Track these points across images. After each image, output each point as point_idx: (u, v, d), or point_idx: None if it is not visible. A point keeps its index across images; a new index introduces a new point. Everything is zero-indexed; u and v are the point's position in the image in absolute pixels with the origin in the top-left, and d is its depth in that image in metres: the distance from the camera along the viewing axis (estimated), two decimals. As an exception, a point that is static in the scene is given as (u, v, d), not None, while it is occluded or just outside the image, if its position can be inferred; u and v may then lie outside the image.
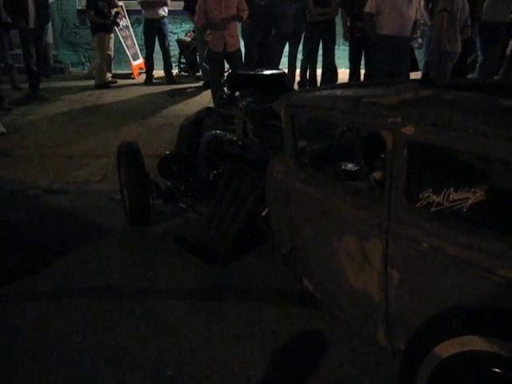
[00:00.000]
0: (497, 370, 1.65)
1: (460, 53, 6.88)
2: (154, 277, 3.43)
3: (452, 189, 1.97)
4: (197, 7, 7.15)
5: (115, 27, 9.47)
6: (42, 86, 8.68)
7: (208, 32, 7.22)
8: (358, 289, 2.39)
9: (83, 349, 2.74)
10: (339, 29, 8.06)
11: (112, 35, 9.49)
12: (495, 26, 7.77)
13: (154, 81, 9.77)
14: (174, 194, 4.15)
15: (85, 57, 10.59)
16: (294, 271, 3.03)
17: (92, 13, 9.02)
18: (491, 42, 7.95)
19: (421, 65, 8.05)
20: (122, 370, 2.60)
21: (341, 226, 2.42)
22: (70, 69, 10.54)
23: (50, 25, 9.86)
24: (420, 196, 2.05)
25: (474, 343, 1.67)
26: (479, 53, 8.25)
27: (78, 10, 10.40)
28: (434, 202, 2.02)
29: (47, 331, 2.89)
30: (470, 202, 1.93)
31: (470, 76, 8.51)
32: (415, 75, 7.63)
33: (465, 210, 1.94)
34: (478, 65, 8.31)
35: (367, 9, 6.93)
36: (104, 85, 9.31)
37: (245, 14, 7.17)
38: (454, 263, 1.90)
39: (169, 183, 4.21)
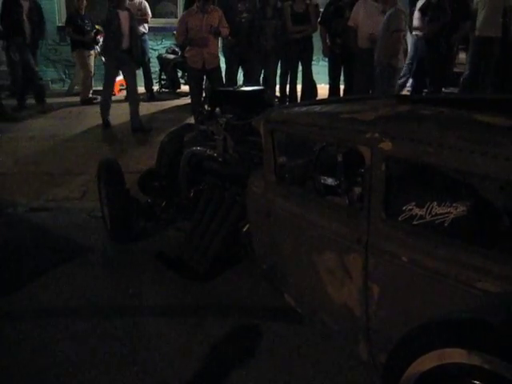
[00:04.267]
0: (477, 382, 1.65)
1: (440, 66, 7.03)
2: (135, 294, 3.40)
3: (435, 203, 1.99)
4: (177, 23, 7.19)
5: (95, 45, 9.47)
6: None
7: (188, 49, 7.26)
8: (338, 303, 2.40)
9: (63, 369, 2.70)
10: (318, 44, 8.13)
11: (92, 52, 9.48)
12: (489, 40, 7.89)
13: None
14: (154, 211, 4.15)
15: (65, 73, 10.53)
16: (276, 286, 3.03)
17: (70, 30, 9.02)
18: (484, 56, 8.05)
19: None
20: (103, 390, 2.57)
21: (321, 240, 2.43)
22: (50, 85, 10.47)
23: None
24: (401, 209, 2.07)
25: (454, 356, 1.68)
26: (467, 66, 8.34)
27: (58, 26, 10.37)
28: (415, 215, 2.04)
29: (26, 351, 2.84)
30: (452, 216, 1.96)
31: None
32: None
33: (446, 224, 1.97)
34: (461, 78, 8.40)
35: (349, 22, 7.14)
36: (87, 100, 9.28)
37: (224, 31, 7.22)
38: (433, 276, 1.92)
39: (149, 199, 4.20)
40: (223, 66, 8.01)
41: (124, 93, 9.83)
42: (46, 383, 2.62)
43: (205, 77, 7.53)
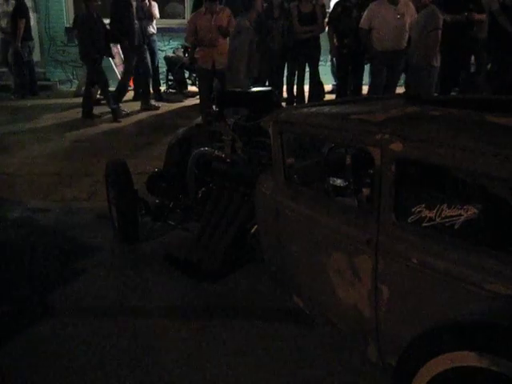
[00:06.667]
0: (488, 385, 1.64)
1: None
2: (143, 295, 3.40)
3: (445, 205, 1.98)
4: (187, 25, 7.21)
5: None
6: (29, 103, 8.66)
7: (197, 49, 7.28)
8: (348, 305, 2.39)
9: (71, 371, 2.70)
10: (326, 45, 8.13)
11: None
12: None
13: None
14: (162, 212, 4.15)
15: (73, 74, 10.58)
16: (284, 288, 3.02)
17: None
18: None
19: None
20: (111, 392, 2.57)
21: (330, 242, 2.42)
22: (58, 86, 10.52)
23: (37, 42, 9.90)
24: (411, 211, 2.06)
25: (465, 359, 1.67)
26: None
27: (66, 27, 10.41)
28: (425, 217, 2.03)
29: (34, 352, 2.84)
30: (463, 218, 1.95)
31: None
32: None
33: (456, 226, 1.95)
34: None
35: (361, 25, 7.09)
36: (95, 101, 9.31)
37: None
38: (443, 278, 1.91)
39: (157, 200, 4.20)
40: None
41: (132, 93, 9.88)
42: (52, 383, 2.62)
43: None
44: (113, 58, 9.18)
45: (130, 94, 9.94)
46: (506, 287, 1.75)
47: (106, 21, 8.32)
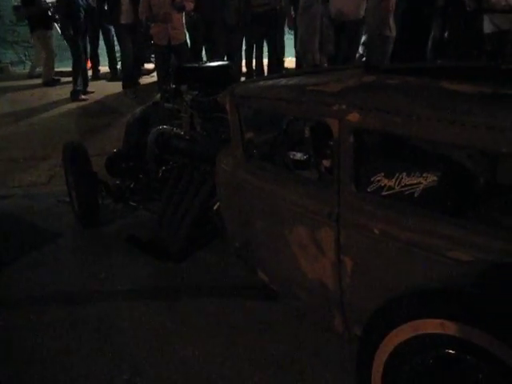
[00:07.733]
0: (452, 351, 1.66)
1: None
2: (107, 278, 3.35)
3: (404, 174, 1.97)
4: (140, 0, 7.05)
5: (55, 23, 9.18)
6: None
7: (152, 25, 7.12)
8: (312, 278, 2.39)
9: (34, 357, 2.65)
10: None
11: (52, 32, 9.21)
12: None
13: (99, 76, 9.57)
14: (123, 193, 4.08)
15: (25, 55, 10.25)
16: (249, 264, 3.00)
17: (25, 11, 8.68)
18: None
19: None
20: (76, 377, 2.52)
21: (292, 216, 2.41)
22: (10, 68, 10.19)
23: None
24: (370, 181, 2.05)
25: (428, 326, 1.68)
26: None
27: (15, 6, 10.03)
28: (384, 186, 2.02)
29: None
30: (422, 186, 1.95)
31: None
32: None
33: (416, 194, 1.95)
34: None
35: None
36: (51, 82, 9.04)
37: (189, 5, 7.08)
38: (405, 247, 1.91)
39: (118, 181, 4.13)
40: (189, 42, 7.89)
41: (89, 73, 9.65)
42: (18, 372, 2.57)
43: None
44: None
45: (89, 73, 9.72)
46: (468, 254, 1.76)
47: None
